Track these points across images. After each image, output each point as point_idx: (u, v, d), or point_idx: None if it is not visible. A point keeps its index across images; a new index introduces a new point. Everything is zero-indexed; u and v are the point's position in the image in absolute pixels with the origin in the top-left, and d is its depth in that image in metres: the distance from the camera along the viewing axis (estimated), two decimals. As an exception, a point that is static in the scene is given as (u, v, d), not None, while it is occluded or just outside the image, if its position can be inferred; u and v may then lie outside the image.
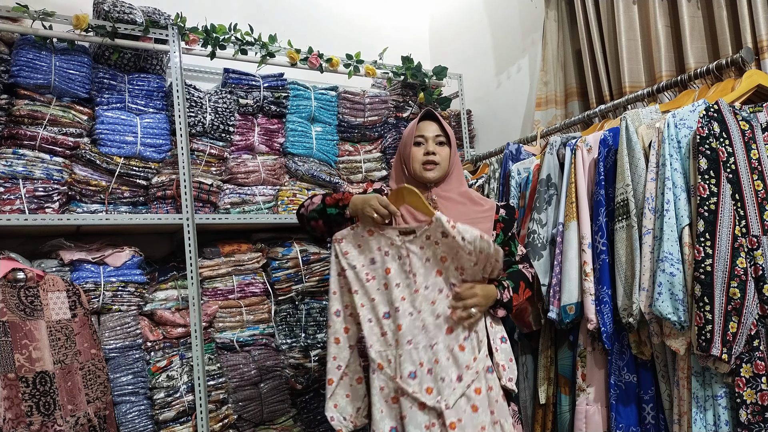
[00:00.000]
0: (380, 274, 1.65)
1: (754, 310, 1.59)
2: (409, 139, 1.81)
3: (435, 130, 1.82)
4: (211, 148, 2.44)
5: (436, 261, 1.63)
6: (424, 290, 1.61)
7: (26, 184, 2.12)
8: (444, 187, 1.81)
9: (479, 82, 3.30)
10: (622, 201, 1.86)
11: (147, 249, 2.39)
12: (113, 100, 2.31)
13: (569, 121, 2.49)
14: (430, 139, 1.79)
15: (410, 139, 1.81)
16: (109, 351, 2.14)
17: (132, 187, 2.33)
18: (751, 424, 1.56)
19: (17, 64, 2.11)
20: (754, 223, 1.64)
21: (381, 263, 1.65)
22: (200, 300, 2.32)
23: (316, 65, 2.71)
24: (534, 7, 2.98)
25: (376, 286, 1.64)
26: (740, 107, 1.76)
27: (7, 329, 1.86)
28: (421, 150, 1.79)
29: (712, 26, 2.19)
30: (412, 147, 1.80)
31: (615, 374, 1.88)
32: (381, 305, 1.63)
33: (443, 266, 1.63)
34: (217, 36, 2.48)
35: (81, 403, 1.96)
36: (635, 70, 2.41)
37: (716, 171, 1.65)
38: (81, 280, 2.14)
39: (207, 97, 2.46)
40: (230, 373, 2.35)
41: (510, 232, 1.84)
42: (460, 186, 1.85)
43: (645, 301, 1.74)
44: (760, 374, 1.57)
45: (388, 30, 3.40)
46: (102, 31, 2.22)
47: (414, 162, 1.79)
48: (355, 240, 1.68)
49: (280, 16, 3.05)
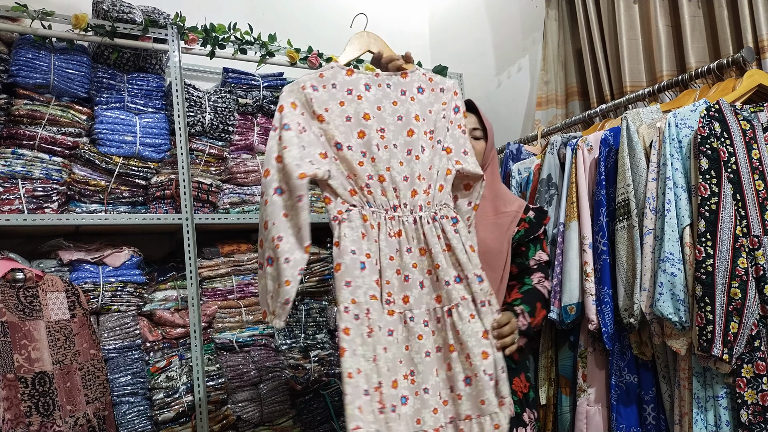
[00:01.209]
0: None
1: (755, 311, 1.59)
2: None
3: (473, 122, 1.75)
4: (211, 148, 2.44)
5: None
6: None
7: (25, 183, 2.11)
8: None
9: (479, 81, 3.29)
10: (623, 201, 1.85)
11: (146, 249, 2.39)
12: (112, 100, 2.31)
13: (570, 120, 2.49)
14: (467, 132, 1.69)
15: None
16: (108, 351, 2.14)
17: (131, 187, 2.33)
18: (752, 424, 1.55)
19: (16, 63, 2.11)
20: (755, 223, 1.63)
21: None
22: (199, 300, 2.31)
23: (316, 65, 2.70)
24: (534, 7, 2.97)
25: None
26: (741, 107, 1.75)
27: (6, 329, 1.86)
28: None
29: (713, 26, 2.19)
30: None
31: (616, 375, 1.88)
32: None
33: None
34: (216, 35, 2.47)
35: (80, 403, 1.95)
36: (636, 70, 2.41)
37: (717, 171, 1.65)
38: (80, 280, 2.13)
39: (206, 97, 2.46)
40: (230, 374, 2.35)
41: (533, 235, 1.76)
42: (492, 183, 1.77)
43: (646, 301, 1.74)
44: (761, 374, 1.57)
45: (388, 29, 3.37)
46: (101, 30, 2.22)
47: None
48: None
49: (280, 16, 3.05)
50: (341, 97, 1.48)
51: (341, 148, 1.45)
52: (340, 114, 1.47)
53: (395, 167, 1.47)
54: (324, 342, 2.61)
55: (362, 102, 1.49)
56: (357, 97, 1.49)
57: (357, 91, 1.50)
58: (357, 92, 1.49)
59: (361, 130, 1.47)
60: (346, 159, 1.45)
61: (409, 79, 1.57)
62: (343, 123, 1.46)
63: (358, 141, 1.46)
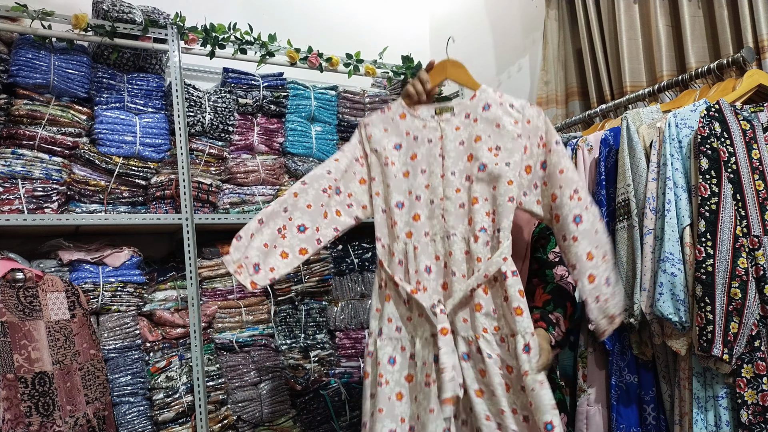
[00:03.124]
0: (402, 160, 1.47)
1: (755, 311, 1.59)
2: None
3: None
4: (211, 148, 2.44)
5: (470, 143, 1.43)
6: (450, 176, 1.42)
7: (25, 184, 2.11)
8: None
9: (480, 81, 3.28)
10: (623, 201, 1.85)
11: (146, 249, 2.39)
12: (112, 100, 2.31)
13: (570, 120, 2.49)
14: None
15: None
16: (108, 351, 2.14)
17: (131, 187, 2.33)
18: (752, 424, 1.55)
19: (16, 63, 2.11)
20: (755, 223, 1.63)
21: (407, 148, 1.47)
22: (199, 300, 2.31)
23: (316, 65, 2.70)
24: (535, 7, 2.97)
25: (394, 173, 1.46)
26: (741, 107, 1.75)
27: (6, 330, 1.86)
28: None
29: (713, 26, 2.19)
30: None
31: (616, 375, 1.88)
32: (395, 193, 1.45)
33: (475, 147, 1.42)
34: (216, 35, 2.47)
35: (80, 403, 1.95)
36: (636, 70, 2.41)
37: (717, 171, 1.65)
38: (80, 280, 2.13)
39: (206, 97, 2.46)
40: (229, 374, 2.35)
41: (548, 231, 1.68)
42: None
43: (646, 301, 1.74)
44: (761, 375, 1.56)
45: (388, 29, 3.39)
46: (101, 30, 2.21)
47: None
48: (383, 123, 1.51)
49: (280, 16, 3.04)
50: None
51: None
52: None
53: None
54: (324, 342, 2.61)
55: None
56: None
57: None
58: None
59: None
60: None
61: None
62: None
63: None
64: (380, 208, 1.46)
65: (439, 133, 1.46)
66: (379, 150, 1.48)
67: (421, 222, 1.42)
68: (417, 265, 1.40)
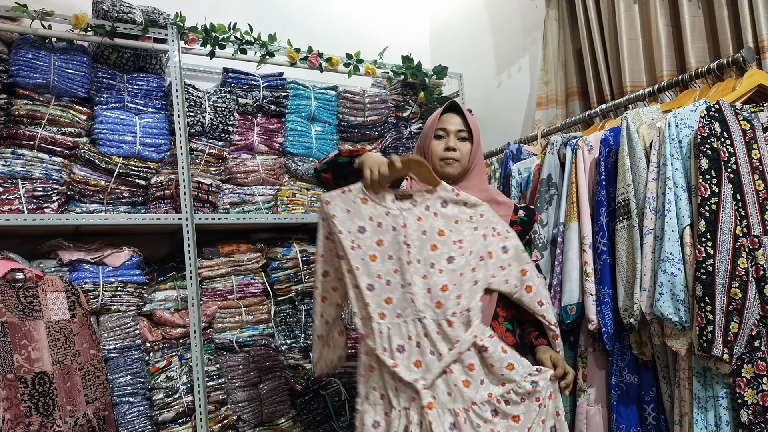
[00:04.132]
0: (368, 244, 1.56)
1: (755, 311, 1.59)
2: (430, 131, 1.73)
3: (458, 123, 1.72)
4: (211, 148, 2.44)
5: (432, 234, 1.55)
6: (416, 263, 1.53)
7: (25, 184, 2.11)
8: (464, 184, 1.71)
9: (480, 81, 3.29)
10: (623, 201, 1.85)
11: (146, 249, 2.39)
12: (112, 100, 2.31)
13: (570, 120, 2.49)
14: (452, 134, 1.70)
15: (431, 132, 1.72)
16: (108, 351, 2.14)
17: (131, 187, 2.33)
18: (752, 424, 1.55)
19: (16, 63, 2.11)
20: (755, 223, 1.63)
21: (371, 234, 1.56)
22: (199, 300, 2.31)
23: (316, 65, 2.70)
24: (535, 6, 2.97)
25: (361, 256, 1.55)
26: (741, 107, 1.75)
27: (6, 330, 1.86)
28: (442, 144, 1.70)
29: (713, 26, 2.19)
30: (433, 140, 1.71)
31: (616, 375, 1.88)
32: (365, 276, 1.54)
33: (439, 240, 1.55)
34: (216, 35, 2.47)
35: (80, 403, 1.95)
36: (636, 70, 2.41)
37: (717, 171, 1.65)
38: (80, 280, 2.13)
39: (206, 97, 2.46)
40: (229, 374, 2.35)
41: (527, 236, 1.74)
42: (480, 183, 1.75)
43: (646, 301, 1.74)
44: (761, 375, 1.56)
45: (388, 29, 3.39)
46: (101, 30, 2.21)
47: (433, 156, 1.70)
48: (344, 204, 1.58)
49: (280, 16, 3.04)
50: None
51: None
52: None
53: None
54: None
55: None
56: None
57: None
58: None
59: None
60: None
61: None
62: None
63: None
64: (353, 285, 1.56)
65: (401, 221, 1.55)
66: (344, 232, 1.55)
67: (392, 305, 1.52)
68: (390, 345, 1.51)
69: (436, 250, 1.54)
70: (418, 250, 1.54)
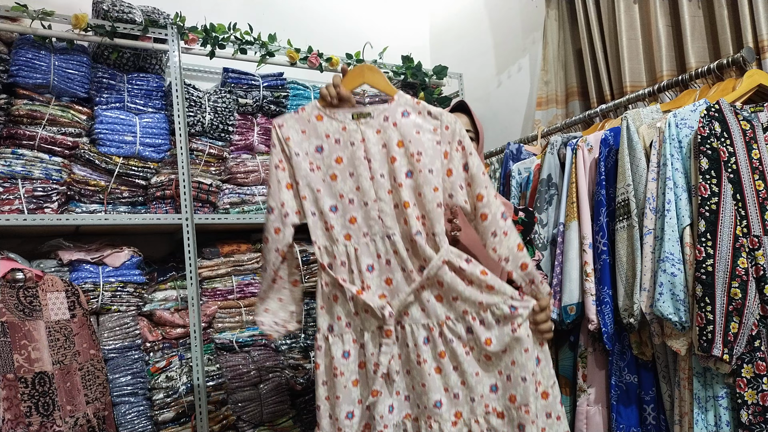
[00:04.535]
0: (327, 163, 1.48)
1: (755, 311, 1.59)
2: None
3: (466, 123, 1.69)
4: (211, 148, 2.44)
5: (391, 146, 1.46)
6: (380, 178, 1.45)
7: (25, 184, 2.11)
8: None
9: (480, 81, 3.29)
10: (623, 201, 1.85)
11: (146, 249, 2.39)
12: (112, 100, 2.31)
13: (570, 120, 2.49)
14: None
15: None
16: (108, 351, 2.14)
17: (131, 187, 2.33)
18: (752, 424, 1.55)
19: (16, 63, 2.11)
20: (755, 223, 1.63)
21: (329, 151, 1.48)
22: (199, 300, 2.31)
23: (316, 65, 2.70)
24: (535, 6, 2.97)
25: (322, 177, 1.48)
26: (741, 107, 1.75)
27: (6, 330, 1.86)
28: None
29: (713, 26, 2.19)
30: None
31: (616, 375, 1.88)
32: (327, 197, 1.47)
33: (398, 151, 1.45)
34: (216, 35, 2.47)
35: (80, 403, 1.95)
36: (636, 70, 2.41)
37: (717, 171, 1.65)
38: (80, 280, 2.13)
39: (206, 97, 2.46)
40: (229, 374, 2.35)
41: (528, 237, 1.75)
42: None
43: (646, 301, 1.74)
44: (762, 375, 1.56)
45: (388, 29, 3.39)
46: (101, 30, 2.22)
47: None
48: (299, 125, 1.50)
49: (280, 16, 3.05)
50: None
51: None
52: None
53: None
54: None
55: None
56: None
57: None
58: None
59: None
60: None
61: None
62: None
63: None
64: (310, 212, 1.48)
65: (360, 135, 1.48)
66: (301, 154, 1.49)
67: (357, 224, 1.46)
68: (359, 266, 1.45)
69: (395, 163, 1.45)
70: (379, 164, 1.46)
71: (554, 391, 1.41)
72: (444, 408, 1.40)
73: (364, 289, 1.44)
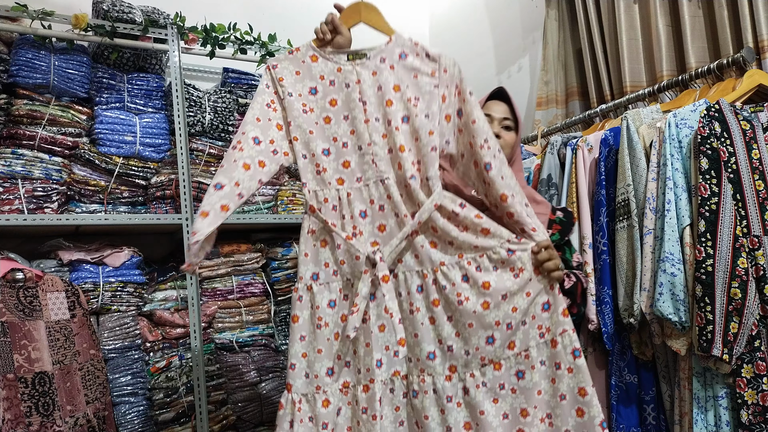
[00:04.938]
0: (321, 105, 1.43)
1: (755, 311, 1.59)
2: None
3: (504, 111, 1.62)
4: (211, 148, 2.44)
5: (388, 89, 1.41)
6: (375, 121, 1.41)
7: (25, 184, 2.11)
8: None
9: (480, 81, 3.29)
10: (623, 201, 1.85)
11: (146, 249, 2.39)
12: (112, 100, 2.31)
13: (570, 120, 2.49)
14: (497, 121, 1.59)
15: None
16: (108, 351, 2.14)
17: (131, 187, 2.33)
18: (752, 424, 1.55)
19: (16, 63, 2.11)
20: (755, 223, 1.63)
21: (324, 93, 1.43)
22: (199, 300, 2.31)
23: (316, 65, 2.70)
24: (535, 6, 2.97)
25: (315, 119, 1.43)
26: (741, 107, 1.75)
27: (6, 330, 1.86)
28: None
29: (713, 26, 2.19)
30: None
31: (616, 375, 1.88)
32: (319, 140, 1.42)
33: (395, 95, 1.41)
34: (216, 35, 2.47)
35: (80, 403, 1.95)
36: (636, 70, 2.41)
37: (717, 171, 1.65)
38: (80, 280, 2.13)
39: (206, 97, 2.46)
40: (229, 374, 2.35)
41: (566, 237, 1.64)
42: (520, 179, 1.63)
43: (646, 301, 1.74)
44: (761, 375, 1.56)
45: (388, 29, 3.39)
46: (101, 30, 2.21)
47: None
48: (293, 66, 1.45)
49: (280, 16, 3.04)
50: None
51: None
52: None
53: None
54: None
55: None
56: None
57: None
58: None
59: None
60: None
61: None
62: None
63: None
64: (301, 154, 1.43)
65: (355, 77, 1.43)
66: (294, 95, 1.44)
67: (351, 168, 1.41)
68: (351, 211, 1.40)
69: (392, 107, 1.40)
70: (375, 107, 1.41)
71: (564, 340, 1.32)
72: (437, 361, 1.35)
73: (355, 235, 1.39)
